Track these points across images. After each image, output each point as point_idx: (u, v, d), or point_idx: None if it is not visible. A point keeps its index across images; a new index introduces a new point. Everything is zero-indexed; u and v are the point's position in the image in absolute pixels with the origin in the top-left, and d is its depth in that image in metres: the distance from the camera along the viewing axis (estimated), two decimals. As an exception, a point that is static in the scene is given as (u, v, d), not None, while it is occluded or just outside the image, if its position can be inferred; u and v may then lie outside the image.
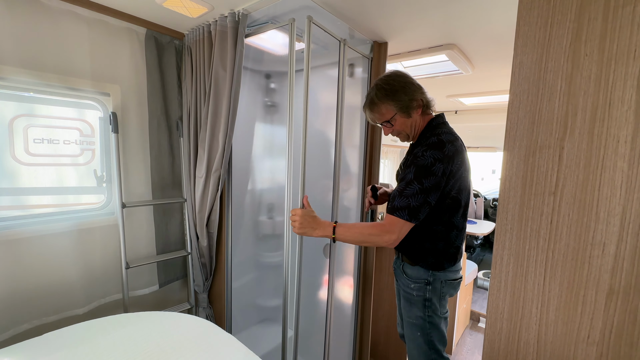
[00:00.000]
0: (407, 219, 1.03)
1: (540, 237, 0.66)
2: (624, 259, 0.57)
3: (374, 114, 1.17)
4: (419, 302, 1.17)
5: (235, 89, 1.38)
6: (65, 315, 1.40)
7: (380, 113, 1.15)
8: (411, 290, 1.18)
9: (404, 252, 1.22)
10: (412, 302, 1.19)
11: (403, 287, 1.22)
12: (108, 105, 1.52)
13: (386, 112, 1.14)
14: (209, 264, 1.67)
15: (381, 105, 1.14)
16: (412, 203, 1.03)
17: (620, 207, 0.57)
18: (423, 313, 1.17)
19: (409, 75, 1.16)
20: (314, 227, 1.13)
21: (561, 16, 0.61)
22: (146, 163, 1.62)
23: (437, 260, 1.15)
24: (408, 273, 1.20)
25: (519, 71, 0.66)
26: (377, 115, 1.17)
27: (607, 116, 0.57)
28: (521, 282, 0.69)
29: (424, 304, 1.17)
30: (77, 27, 1.35)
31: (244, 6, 1.30)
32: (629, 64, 0.55)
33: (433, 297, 1.16)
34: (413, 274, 1.18)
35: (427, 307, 1.17)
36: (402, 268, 1.23)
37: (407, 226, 1.04)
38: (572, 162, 0.61)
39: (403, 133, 1.19)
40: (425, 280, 1.16)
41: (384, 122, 1.17)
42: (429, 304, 1.16)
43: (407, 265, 1.21)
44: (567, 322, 0.64)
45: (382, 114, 1.15)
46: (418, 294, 1.17)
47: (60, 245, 1.39)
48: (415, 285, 1.17)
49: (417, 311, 1.18)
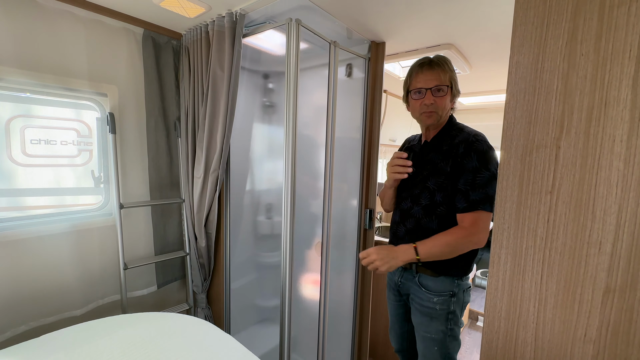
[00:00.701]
0: (491, 210, 0.98)
1: (537, 236, 0.66)
2: (620, 258, 0.57)
3: (432, 74, 1.07)
4: (442, 315, 1.10)
5: (233, 89, 1.37)
6: (63, 317, 1.40)
7: (439, 77, 1.07)
8: (433, 305, 1.10)
9: (425, 264, 1.12)
10: (433, 316, 1.11)
11: (420, 301, 1.14)
12: (105, 105, 1.51)
13: (444, 79, 1.08)
14: (207, 265, 1.67)
15: (443, 69, 1.07)
16: (489, 192, 0.99)
17: (617, 206, 0.57)
18: (445, 327, 1.10)
19: None
20: (394, 257, 1.05)
21: (557, 16, 0.61)
22: (144, 164, 1.62)
23: (467, 263, 1.10)
24: (429, 286, 1.12)
25: (515, 71, 0.67)
26: (435, 76, 1.07)
27: (603, 116, 0.58)
28: (519, 281, 0.69)
29: (447, 317, 1.10)
30: (73, 28, 1.35)
31: (241, 6, 1.30)
32: (625, 64, 0.55)
33: (457, 309, 1.11)
34: (437, 286, 1.10)
35: (450, 319, 1.10)
36: (419, 281, 1.14)
37: (490, 220, 0.98)
38: (569, 162, 0.61)
39: (436, 113, 1.10)
40: (450, 292, 1.10)
41: (438, 86, 1.07)
42: (452, 316, 1.10)
43: (427, 277, 1.12)
44: (564, 321, 0.64)
45: (440, 79, 1.07)
46: (442, 307, 1.10)
47: (58, 246, 1.39)
48: (439, 298, 1.10)
49: (439, 325, 1.11)
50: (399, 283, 1.23)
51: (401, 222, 1.19)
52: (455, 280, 1.11)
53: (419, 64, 1.12)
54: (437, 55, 1.12)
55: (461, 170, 1.04)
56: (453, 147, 1.08)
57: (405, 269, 1.20)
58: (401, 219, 1.20)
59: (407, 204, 1.17)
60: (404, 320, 1.29)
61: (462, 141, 1.06)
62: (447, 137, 1.12)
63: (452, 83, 1.09)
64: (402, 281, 1.22)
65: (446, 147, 1.10)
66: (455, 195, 1.05)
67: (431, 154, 1.14)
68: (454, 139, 1.09)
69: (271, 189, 2.17)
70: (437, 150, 1.13)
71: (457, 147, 1.06)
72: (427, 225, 1.11)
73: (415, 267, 1.15)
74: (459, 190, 1.04)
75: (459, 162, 1.04)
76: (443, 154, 1.10)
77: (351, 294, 1.76)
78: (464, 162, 1.03)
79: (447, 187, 1.07)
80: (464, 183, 1.03)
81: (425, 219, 1.11)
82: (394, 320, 1.33)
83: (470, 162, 1.01)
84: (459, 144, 1.06)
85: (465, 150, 1.04)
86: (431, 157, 1.14)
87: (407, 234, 1.16)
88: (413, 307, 1.19)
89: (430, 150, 1.15)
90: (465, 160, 1.02)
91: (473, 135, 1.05)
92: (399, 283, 1.23)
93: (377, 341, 2.00)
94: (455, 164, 1.05)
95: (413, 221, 1.15)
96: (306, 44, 1.54)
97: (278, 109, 2.13)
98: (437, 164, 1.10)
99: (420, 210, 1.12)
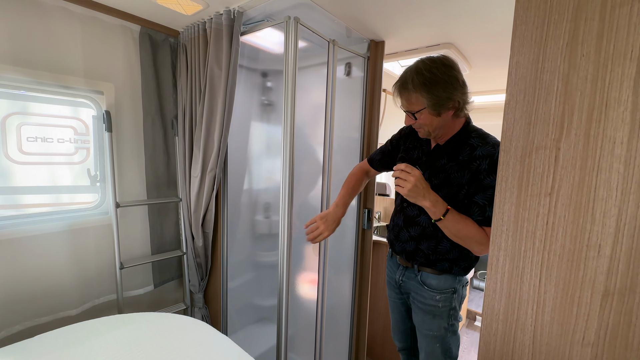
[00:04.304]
0: None
1: (536, 238, 0.65)
2: (620, 261, 0.57)
3: (402, 98, 1.02)
4: (444, 312, 1.11)
5: (231, 87, 1.36)
6: (58, 317, 1.39)
7: (409, 101, 1.00)
8: (436, 302, 1.10)
9: (427, 263, 1.11)
10: (435, 314, 1.11)
11: (423, 300, 1.13)
12: (102, 103, 1.50)
13: (416, 102, 0.99)
14: (204, 264, 1.66)
15: (412, 93, 0.98)
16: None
17: (616, 209, 0.56)
18: (447, 323, 1.11)
19: (457, 67, 0.99)
20: (424, 196, 0.97)
21: (558, 16, 0.60)
22: (140, 162, 1.61)
23: (470, 264, 1.11)
24: (432, 284, 1.11)
25: (515, 71, 0.66)
26: (404, 101, 1.02)
27: (603, 117, 0.57)
28: (517, 284, 0.68)
29: (449, 313, 1.11)
30: (69, 25, 1.33)
31: (239, 4, 1.28)
32: (626, 65, 0.55)
33: (457, 305, 1.12)
34: (439, 284, 1.10)
35: (451, 315, 1.11)
36: (421, 279, 1.13)
37: None
38: (568, 163, 0.60)
39: (425, 129, 1.04)
40: (452, 289, 1.10)
41: (409, 112, 1.03)
42: (453, 312, 1.11)
43: (430, 275, 1.11)
44: (562, 324, 0.63)
45: (410, 102, 1.00)
46: (444, 304, 1.10)
47: (54, 245, 1.37)
48: (442, 296, 1.10)
49: (442, 322, 1.11)
50: (400, 281, 1.22)
51: (405, 228, 1.16)
52: (457, 278, 1.11)
53: (394, 86, 1.05)
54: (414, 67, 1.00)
55: (481, 187, 0.99)
56: (473, 159, 1.00)
57: (406, 267, 1.19)
58: (405, 224, 1.16)
59: (414, 211, 1.13)
60: (407, 318, 1.29)
61: (486, 155, 0.98)
62: (465, 145, 1.03)
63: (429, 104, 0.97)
64: (404, 279, 1.20)
65: (464, 158, 1.02)
66: (469, 206, 1.02)
67: (443, 161, 1.06)
68: (474, 149, 1.01)
69: (269, 188, 2.16)
70: (451, 158, 1.05)
71: (479, 161, 0.99)
72: (432, 233, 1.09)
73: (417, 266, 1.14)
74: (476, 202, 1.00)
75: (481, 178, 0.98)
76: (459, 164, 1.02)
77: (349, 294, 1.76)
78: (487, 180, 0.97)
79: (458, 198, 1.02)
80: (482, 198, 0.99)
81: (431, 227, 1.09)
82: (397, 318, 1.32)
83: (493, 180, 0.95)
84: (481, 157, 0.99)
85: (489, 167, 0.97)
86: (443, 164, 1.06)
87: (412, 240, 1.14)
88: (414, 306, 1.18)
89: (442, 156, 1.07)
90: (490, 178, 0.97)
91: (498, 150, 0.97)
92: (400, 281, 1.22)
93: (374, 340, 2.00)
94: (476, 179, 0.99)
95: (419, 229, 1.12)
96: (305, 42, 1.53)
97: (276, 107, 2.11)
98: (450, 173, 1.03)
99: (427, 219, 1.09)
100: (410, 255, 1.14)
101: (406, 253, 1.16)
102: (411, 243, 1.14)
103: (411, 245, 1.14)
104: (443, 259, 1.08)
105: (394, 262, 1.26)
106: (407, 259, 1.16)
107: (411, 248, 1.14)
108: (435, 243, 1.09)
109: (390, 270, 1.29)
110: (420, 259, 1.12)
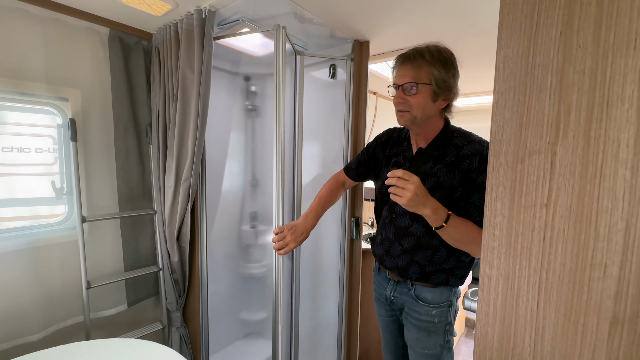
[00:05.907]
0: None
1: (532, 255, 0.57)
2: (629, 283, 0.49)
3: (411, 67, 0.95)
4: (440, 328, 1.04)
5: (204, 91, 1.28)
6: (16, 343, 1.27)
7: (419, 70, 0.94)
8: (432, 318, 1.03)
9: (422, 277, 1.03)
10: (431, 330, 1.04)
11: (417, 315, 1.06)
12: (67, 111, 1.40)
13: (424, 75, 0.93)
14: (181, 281, 1.55)
15: (425, 64, 0.93)
16: None
17: (623, 222, 0.48)
18: (443, 340, 1.04)
19: None
20: (425, 204, 0.89)
21: (549, 2, 0.53)
22: (112, 173, 1.51)
23: (466, 272, 1.04)
24: (427, 298, 1.04)
25: (503, 66, 0.58)
26: (413, 70, 0.94)
27: (605, 116, 0.49)
28: (512, 307, 0.60)
29: (445, 329, 1.04)
30: (28, 27, 1.24)
31: (210, 2, 1.20)
32: (629, 56, 0.47)
33: (452, 319, 1.05)
34: (435, 298, 1.03)
35: (447, 331, 1.04)
36: (415, 294, 1.06)
37: None
38: (567, 170, 0.53)
39: (411, 112, 0.96)
40: (448, 302, 1.04)
41: (410, 83, 0.94)
42: (449, 327, 1.04)
43: (425, 289, 1.04)
44: (565, 354, 0.55)
45: (420, 72, 0.94)
46: (440, 319, 1.03)
47: (14, 264, 1.26)
48: (438, 310, 1.03)
49: (438, 339, 1.04)
50: (392, 297, 1.13)
51: (396, 241, 1.07)
52: (452, 289, 1.05)
53: (400, 56, 1.00)
54: (429, 45, 0.97)
55: (475, 186, 0.94)
56: (462, 159, 0.96)
57: (398, 282, 1.11)
58: (397, 237, 1.07)
59: (405, 222, 1.05)
60: (398, 336, 1.21)
61: (475, 153, 0.95)
62: (449, 146, 0.99)
63: (435, 82, 0.94)
64: (396, 295, 1.12)
65: (451, 159, 0.98)
66: (466, 208, 0.96)
67: (429, 165, 1.02)
68: (460, 148, 0.98)
69: (255, 197, 2.07)
70: (437, 160, 1.01)
71: (468, 160, 0.95)
72: (428, 243, 1.01)
73: (410, 280, 1.06)
74: (472, 203, 0.95)
75: (474, 177, 0.94)
76: (447, 166, 0.98)
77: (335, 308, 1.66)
78: (480, 178, 0.93)
79: (453, 200, 0.96)
80: (479, 198, 0.94)
81: (427, 237, 1.01)
82: (388, 337, 1.24)
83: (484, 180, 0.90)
84: (470, 156, 0.95)
85: (480, 165, 0.94)
86: (429, 168, 1.01)
87: (405, 253, 1.05)
88: (407, 323, 1.10)
89: (427, 160, 1.02)
90: (483, 176, 0.92)
91: (486, 147, 0.95)
92: (392, 297, 1.13)
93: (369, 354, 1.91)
94: (468, 179, 0.95)
95: (413, 240, 1.03)
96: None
97: (261, 112, 2.03)
98: (439, 177, 0.99)
99: (422, 228, 1.02)
100: (404, 270, 1.06)
101: (399, 269, 1.07)
102: (405, 257, 1.05)
103: (404, 260, 1.05)
104: (439, 270, 1.02)
105: (383, 277, 1.17)
106: (400, 274, 1.07)
107: (404, 262, 1.05)
108: (432, 253, 1.01)
109: (378, 286, 1.20)
110: (414, 273, 1.04)
